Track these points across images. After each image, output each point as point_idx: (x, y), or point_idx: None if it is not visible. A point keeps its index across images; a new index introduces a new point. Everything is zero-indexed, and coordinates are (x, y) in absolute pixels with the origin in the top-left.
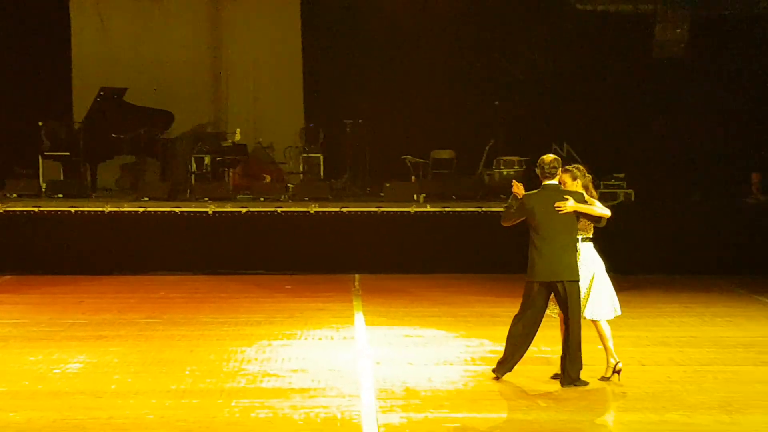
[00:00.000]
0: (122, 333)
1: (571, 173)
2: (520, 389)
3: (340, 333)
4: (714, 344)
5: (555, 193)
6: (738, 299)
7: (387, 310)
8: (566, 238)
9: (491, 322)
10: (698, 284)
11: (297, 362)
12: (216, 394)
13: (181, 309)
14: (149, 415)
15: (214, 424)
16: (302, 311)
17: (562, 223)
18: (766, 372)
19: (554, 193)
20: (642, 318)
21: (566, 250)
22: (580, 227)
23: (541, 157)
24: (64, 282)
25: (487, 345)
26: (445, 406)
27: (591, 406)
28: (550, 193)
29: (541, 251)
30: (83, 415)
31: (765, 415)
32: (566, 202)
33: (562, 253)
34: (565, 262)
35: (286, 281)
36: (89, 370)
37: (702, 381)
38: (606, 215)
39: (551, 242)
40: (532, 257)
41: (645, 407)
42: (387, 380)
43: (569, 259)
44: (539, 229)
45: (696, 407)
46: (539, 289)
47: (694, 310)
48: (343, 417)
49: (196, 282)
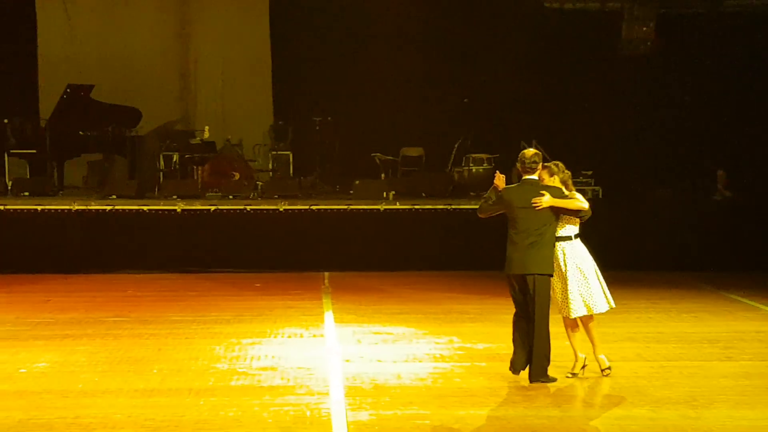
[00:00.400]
0: (90, 332)
1: (549, 169)
2: (488, 386)
3: (310, 331)
4: (680, 340)
5: (533, 188)
6: (704, 295)
7: (356, 308)
8: (543, 232)
9: (460, 319)
10: (665, 280)
11: (266, 360)
12: (184, 392)
13: (150, 307)
14: (117, 414)
15: (182, 423)
16: (272, 309)
17: (539, 218)
18: (731, 367)
19: (533, 188)
20: (609, 314)
21: (542, 245)
22: (567, 223)
23: (522, 151)
24: (30, 281)
25: (456, 342)
26: (414, 403)
27: (558, 401)
28: (528, 188)
29: (517, 245)
30: (50, 414)
31: (729, 409)
32: (542, 197)
33: (538, 247)
34: (540, 256)
35: (255, 279)
36: (56, 370)
37: (668, 376)
38: (583, 208)
39: (527, 237)
40: (508, 251)
41: (612, 402)
42: (356, 378)
43: (544, 254)
44: (516, 223)
45: (662, 402)
46: (517, 281)
47: (661, 306)
48: (313, 415)
49: (165, 280)
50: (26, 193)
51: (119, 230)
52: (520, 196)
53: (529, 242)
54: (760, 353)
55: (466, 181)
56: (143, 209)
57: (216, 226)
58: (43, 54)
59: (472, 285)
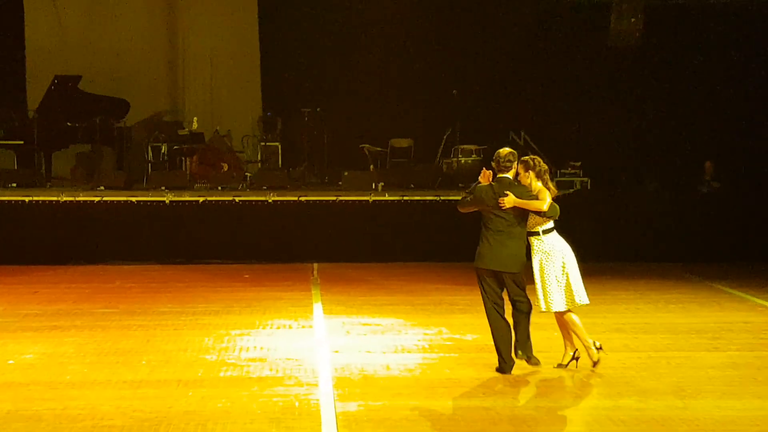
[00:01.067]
0: (78, 323)
1: (526, 164)
2: (477, 377)
3: (299, 322)
4: (668, 330)
5: (504, 186)
6: (691, 286)
7: (345, 299)
8: (513, 229)
9: (449, 310)
10: (653, 271)
11: (255, 351)
12: (173, 384)
13: (138, 299)
14: (105, 405)
15: (170, 414)
16: (260, 300)
17: (510, 215)
18: (718, 357)
19: (504, 187)
20: (597, 305)
21: (512, 241)
22: (535, 220)
23: (497, 150)
24: (18, 272)
25: (444, 333)
26: (402, 394)
27: (547, 392)
28: (499, 186)
29: (489, 241)
30: (38, 405)
31: (717, 399)
32: (506, 197)
33: (508, 243)
34: (511, 253)
35: (244, 270)
36: (44, 361)
37: (656, 367)
38: (540, 209)
39: (498, 233)
40: (480, 245)
41: (599, 393)
42: (345, 368)
43: (515, 251)
44: (489, 220)
45: (649, 393)
46: (488, 274)
47: (649, 296)
48: (301, 405)
49: (153, 272)
50: (14, 185)
51: (107, 221)
52: (492, 194)
53: (501, 238)
54: (748, 344)
55: (455, 173)
56: (131, 200)
57: (204, 217)
58: (30, 45)
59: (461, 276)
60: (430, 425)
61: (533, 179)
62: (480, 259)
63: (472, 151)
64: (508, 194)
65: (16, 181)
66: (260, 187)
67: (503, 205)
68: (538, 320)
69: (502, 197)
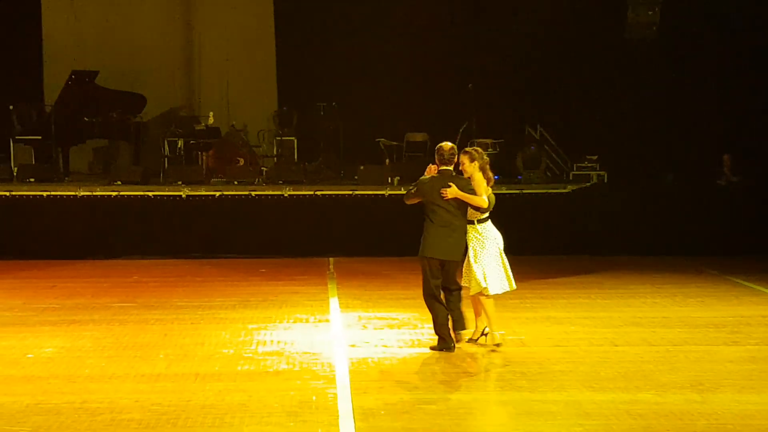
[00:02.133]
0: (96, 317)
1: (470, 155)
2: (493, 371)
3: (315, 316)
4: (685, 324)
5: (446, 178)
6: (709, 280)
7: (362, 293)
8: (455, 220)
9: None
10: (670, 265)
11: (272, 346)
12: (190, 378)
13: (155, 293)
14: (123, 399)
15: (188, 407)
16: (277, 295)
17: (452, 206)
18: (737, 351)
19: (445, 179)
20: (614, 299)
21: (455, 231)
22: (471, 210)
23: (440, 144)
24: (36, 266)
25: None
26: (419, 388)
27: (564, 386)
28: (442, 179)
29: (434, 231)
30: (57, 399)
31: (735, 393)
32: (449, 188)
33: (451, 233)
34: (456, 242)
35: (260, 265)
36: (63, 355)
37: (674, 361)
38: (481, 206)
39: (442, 223)
40: (426, 235)
41: (617, 387)
42: (362, 362)
43: (459, 240)
44: (433, 212)
45: (667, 386)
46: (434, 263)
47: (666, 290)
48: (319, 399)
49: (170, 266)
50: (31, 179)
51: (124, 216)
52: (436, 186)
53: (445, 228)
54: (766, 338)
55: None
56: (148, 195)
57: (220, 211)
58: (47, 40)
59: None
60: (447, 419)
61: (475, 170)
62: (428, 249)
63: (488, 144)
64: (452, 185)
65: (33, 176)
66: (276, 181)
67: (445, 196)
68: (556, 315)
69: (444, 188)
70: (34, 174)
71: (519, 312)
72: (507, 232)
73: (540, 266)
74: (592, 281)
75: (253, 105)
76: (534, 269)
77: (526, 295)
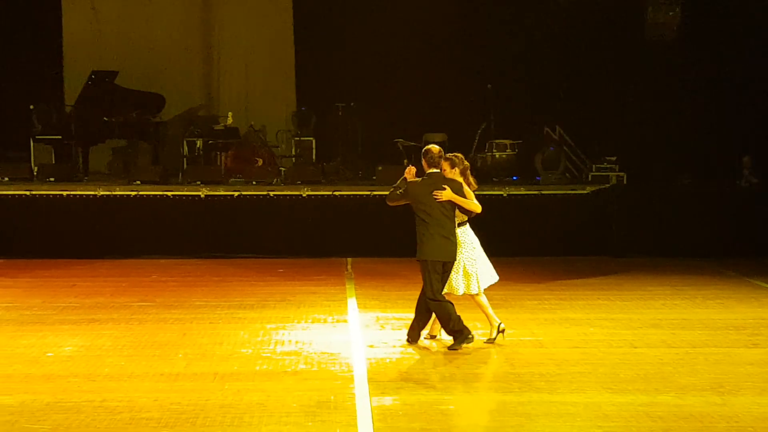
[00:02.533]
0: (115, 316)
1: (451, 161)
2: (512, 372)
3: (333, 316)
4: (705, 326)
5: (438, 181)
6: (729, 282)
7: (379, 294)
8: (447, 222)
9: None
10: (689, 267)
11: (290, 345)
12: (209, 377)
13: (174, 292)
14: (142, 398)
15: (207, 407)
16: (295, 295)
17: (444, 208)
18: (757, 354)
19: (437, 182)
20: (633, 300)
21: (449, 233)
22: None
23: (428, 146)
24: (56, 266)
25: (479, 328)
26: (437, 389)
27: (583, 387)
28: (434, 181)
29: (430, 233)
30: (77, 398)
31: (756, 396)
32: (443, 191)
33: (447, 235)
34: (453, 243)
35: (278, 265)
36: (82, 354)
37: (693, 363)
38: (476, 211)
39: (436, 226)
40: (423, 239)
41: (637, 389)
42: (380, 363)
43: (454, 241)
44: (426, 215)
45: (687, 389)
46: (438, 266)
47: (686, 292)
48: (337, 399)
49: (189, 265)
50: (51, 179)
51: (143, 216)
52: (426, 189)
53: (440, 231)
54: None
55: (489, 167)
56: (167, 195)
57: (239, 211)
58: (68, 41)
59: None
60: (465, 420)
61: (457, 176)
62: (431, 252)
63: (506, 145)
64: (446, 188)
65: (53, 176)
66: (294, 181)
67: (439, 198)
68: (574, 316)
69: (438, 191)
70: (54, 173)
71: (537, 313)
72: (525, 232)
73: (558, 267)
74: (611, 282)
75: (271, 105)
76: (552, 270)
77: (544, 296)
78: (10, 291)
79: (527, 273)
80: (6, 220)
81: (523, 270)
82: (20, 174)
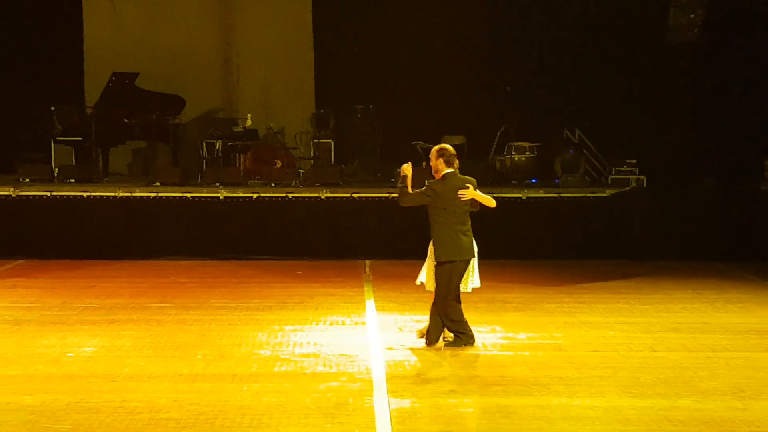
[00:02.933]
0: (134, 317)
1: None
2: (531, 375)
3: (352, 318)
4: (726, 331)
5: (459, 180)
6: (750, 286)
7: (398, 296)
8: (468, 219)
9: (502, 308)
10: (710, 270)
11: (308, 347)
12: (228, 378)
13: (193, 294)
14: (162, 398)
15: (226, 407)
16: (313, 297)
17: (466, 206)
18: None
19: (459, 181)
20: (653, 304)
21: (469, 230)
22: None
23: (443, 146)
24: (76, 266)
25: (498, 331)
26: (456, 391)
27: (603, 391)
28: (456, 180)
29: (454, 232)
30: (97, 398)
31: None
32: (468, 189)
33: (469, 234)
34: (471, 239)
35: (297, 266)
36: (102, 354)
37: (714, 367)
38: (492, 206)
39: (458, 224)
40: (448, 238)
41: (657, 393)
42: (398, 365)
43: (472, 237)
44: (452, 213)
45: (708, 393)
46: (464, 265)
47: (706, 296)
48: (355, 401)
49: (208, 267)
50: (72, 180)
51: (163, 217)
52: (451, 188)
53: (463, 229)
54: None
55: (508, 170)
56: (186, 196)
57: (258, 213)
58: (88, 42)
59: (514, 274)
60: (485, 423)
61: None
62: (458, 252)
63: (525, 148)
64: (470, 187)
65: (74, 177)
66: (313, 183)
67: (464, 197)
68: (594, 320)
69: (463, 190)
70: (75, 174)
71: (557, 316)
72: (544, 235)
73: (578, 271)
74: (630, 286)
75: (290, 107)
76: (572, 274)
77: (564, 299)
78: (31, 292)
79: (546, 276)
80: (27, 221)
81: (542, 273)
82: (41, 175)
